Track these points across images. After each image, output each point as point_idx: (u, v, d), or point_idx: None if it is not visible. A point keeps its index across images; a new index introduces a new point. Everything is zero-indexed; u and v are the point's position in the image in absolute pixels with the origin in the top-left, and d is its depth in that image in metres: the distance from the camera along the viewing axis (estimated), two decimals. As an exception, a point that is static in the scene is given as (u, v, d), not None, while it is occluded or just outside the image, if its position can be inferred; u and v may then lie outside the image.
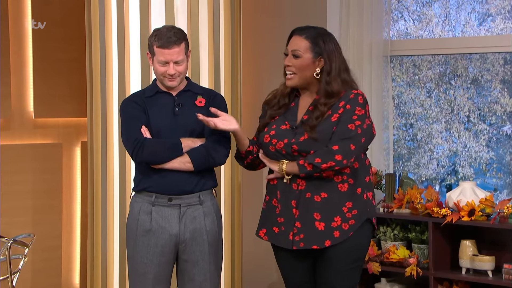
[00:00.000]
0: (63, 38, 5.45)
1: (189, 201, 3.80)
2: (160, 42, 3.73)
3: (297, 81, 3.75)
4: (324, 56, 3.69)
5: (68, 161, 5.50)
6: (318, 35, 3.72)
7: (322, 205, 3.67)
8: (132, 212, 3.85)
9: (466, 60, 5.27)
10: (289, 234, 3.70)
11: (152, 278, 3.78)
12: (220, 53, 4.63)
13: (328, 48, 3.70)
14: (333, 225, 3.67)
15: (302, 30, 3.75)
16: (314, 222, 3.67)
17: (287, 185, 3.71)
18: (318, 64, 3.71)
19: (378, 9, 5.22)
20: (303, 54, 3.70)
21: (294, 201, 3.70)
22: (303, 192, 3.68)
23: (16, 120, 5.31)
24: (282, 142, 3.72)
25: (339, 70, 3.70)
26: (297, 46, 3.71)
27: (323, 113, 3.66)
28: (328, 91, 3.68)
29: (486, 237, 4.81)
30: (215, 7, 4.60)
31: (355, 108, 3.66)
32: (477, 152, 5.27)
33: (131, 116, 3.79)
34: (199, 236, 3.81)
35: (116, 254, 4.58)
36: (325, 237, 3.66)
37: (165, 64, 3.75)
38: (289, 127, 3.75)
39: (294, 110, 3.79)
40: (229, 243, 4.68)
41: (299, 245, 3.68)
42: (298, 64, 3.71)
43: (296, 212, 3.69)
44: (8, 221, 5.19)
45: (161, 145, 3.74)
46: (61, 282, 5.48)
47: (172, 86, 3.81)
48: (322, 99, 3.69)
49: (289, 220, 3.71)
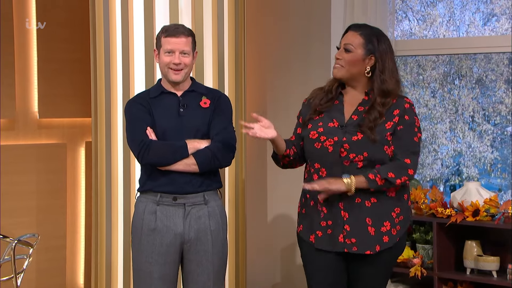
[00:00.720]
0: (67, 38, 5.45)
1: (194, 200, 3.80)
2: (168, 32, 3.80)
3: (344, 73, 3.72)
4: (376, 55, 3.68)
5: (72, 161, 5.51)
6: (373, 34, 3.71)
7: (373, 210, 3.64)
8: (137, 211, 3.85)
9: (471, 60, 5.27)
10: (339, 237, 3.68)
11: (157, 277, 3.78)
12: (224, 53, 4.62)
13: (381, 48, 3.69)
14: (382, 230, 3.65)
15: (358, 26, 3.76)
16: (366, 227, 3.65)
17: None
18: (368, 62, 3.70)
19: (382, 9, 5.21)
20: (355, 50, 3.69)
21: (341, 203, 3.67)
22: (353, 197, 3.64)
23: (21, 121, 5.32)
24: (332, 140, 3.66)
25: (392, 70, 3.70)
26: (350, 41, 3.71)
27: (382, 114, 3.64)
28: (384, 90, 3.66)
29: (491, 238, 4.81)
30: (219, 8, 4.60)
31: (413, 119, 3.67)
32: (481, 152, 5.27)
33: (136, 118, 3.80)
34: (204, 236, 3.81)
35: (120, 254, 4.58)
36: (375, 242, 3.65)
37: (171, 53, 3.76)
38: (338, 125, 3.70)
39: (339, 108, 3.74)
40: (234, 244, 4.68)
41: (352, 248, 3.66)
42: (348, 58, 3.70)
43: (345, 214, 3.66)
44: (13, 221, 5.20)
45: (167, 147, 3.74)
46: (66, 282, 5.48)
47: (176, 80, 3.80)
48: (379, 99, 3.66)
49: (337, 223, 3.67)
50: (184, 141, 3.76)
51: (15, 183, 5.24)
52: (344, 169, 3.64)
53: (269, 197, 5.59)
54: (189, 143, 3.75)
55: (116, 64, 4.55)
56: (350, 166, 3.64)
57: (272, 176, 5.52)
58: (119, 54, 4.54)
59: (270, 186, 5.57)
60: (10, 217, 5.20)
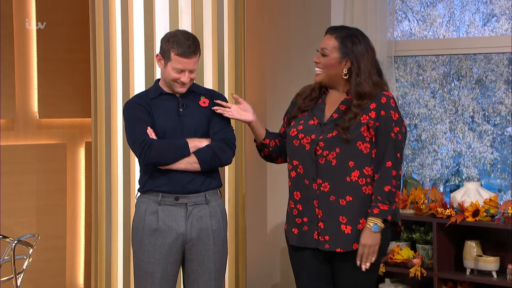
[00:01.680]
0: (67, 38, 5.45)
1: (195, 200, 3.80)
2: (180, 50, 3.72)
3: (323, 77, 3.76)
4: (350, 57, 3.70)
5: (72, 161, 5.51)
6: (349, 35, 3.72)
7: (347, 208, 3.66)
8: (138, 212, 3.85)
9: (471, 60, 5.27)
10: (314, 234, 3.70)
11: (159, 277, 3.78)
12: (224, 54, 4.62)
13: (356, 49, 3.70)
14: (359, 228, 3.66)
15: (334, 29, 3.78)
16: (340, 226, 3.66)
17: (306, 185, 3.70)
18: (345, 65, 3.72)
19: (382, 9, 5.21)
20: (330, 53, 3.72)
21: (316, 201, 3.69)
22: (327, 194, 3.67)
23: (21, 121, 5.32)
24: (309, 137, 3.71)
25: (369, 72, 3.70)
26: (326, 45, 3.74)
27: (356, 115, 3.66)
28: (359, 92, 3.68)
29: (491, 238, 4.81)
30: (219, 8, 4.60)
31: (390, 114, 3.66)
32: (481, 153, 5.27)
33: (136, 118, 3.80)
34: (205, 235, 3.81)
35: (120, 254, 4.58)
36: (352, 240, 3.66)
37: (181, 72, 3.76)
38: (317, 123, 3.74)
39: (321, 107, 3.79)
40: (233, 243, 4.68)
41: (325, 246, 3.68)
42: (324, 62, 3.74)
43: (320, 212, 3.69)
44: (13, 221, 5.20)
45: (168, 146, 3.75)
46: (65, 282, 5.48)
47: (181, 92, 3.82)
48: (354, 101, 3.68)
49: (312, 220, 3.70)
50: (185, 140, 3.76)
51: (15, 183, 5.24)
52: (318, 168, 3.66)
53: (269, 197, 5.59)
54: (190, 142, 3.76)
55: (116, 64, 4.55)
56: (325, 163, 3.67)
57: (272, 175, 5.52)
58: (119, 54, 4.54)
59: (270, 186, 5.57)
60: (10, 217, 5.20)
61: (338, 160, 3.65)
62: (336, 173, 3.66)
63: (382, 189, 3.62)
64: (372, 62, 3.72)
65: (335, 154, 3.66)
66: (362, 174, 3.66)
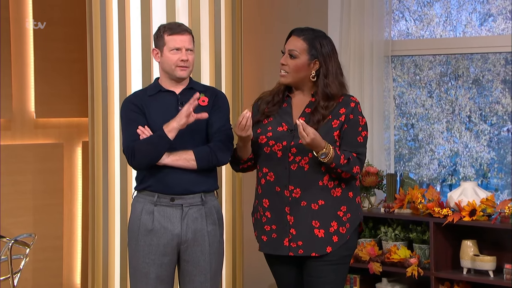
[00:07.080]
0: (64, 38, 5.44)
1: (191, 201, 3.80)
2: (172, 30, 3.78)
3: (290, 79, 3.75)
4: (319, 59, 3.71)
5: (69, 161, 5.50)
6: (316, 37, 3.73)
7: (319, 212, 3.67)
8: (134, 212, 3.84)
9: (467, 60, 5.27)
10: (284, 241, 3.70)
11: (154, 278, 3.78)
12: (221, 52, 4.63)
13: (324, 51, 3.71)
14: (331, 230, 3.68)
15: (301, 31, 3.76)
16: (313, 230, 3.67)
17: (277, 192, 3.71)
18: (313, 67, 3.72)
19: (379, 9, 5.22)
20: (299, 55, 3.71)
21: (287, 207, 3.69)
22: (298, 200, 3.67)
23: (17, 120, 5.31)
24: (280, 144, 3.71)
25: (336, 73, 3.72)
26: (294, 46, 3.72)
27: (325, 117, 3.67)
28: (327, 93, 3.69)
29: (487, 237, 4.81)
30: (216, 7, 4.61)
31: (357, 118, 3.69)
32: (478, 152, 5.27)
33: (128, 121, 3.79)
34: (201, 236, 3.81)
35: (117, 254, 4.58)
36: (325, 244, 3.67)
37: (178, 51, 3.76)
38: (287, 129, 3.74)
39: (288, 111, 3.78)
40: (230, 244, 4.69)
41: (298, 251, 3.68)
42: (293, 64, 3.72)
43: (291, 219, 3.69)
44: (9, 221, 5.19)
45: (148, 143, 3.72)
46: (62, 282, 5.47)
47: (183, 76, 3.79)
48: (322, 102, 3.69)
49: (282, 227, 3.71)
50: (162, 129, 3.71)
51: (11, 183, 5.23)
52: (291, 174, 3.67)
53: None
54: (164, 127, 3.72)
55: (113, 64, 4.56)
56: (297, 170, 3.67)
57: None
58: (116, 54, 4.55)
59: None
60: (7, 217, 5.19)
61: (310, 165, 3.66)
62: (308, 178, 3.67)
63: (348, 156, 3.63)
64: (337, 63, 3.74)
65: (307, 159, 3.66)
66: (332, 177, 3.68)
